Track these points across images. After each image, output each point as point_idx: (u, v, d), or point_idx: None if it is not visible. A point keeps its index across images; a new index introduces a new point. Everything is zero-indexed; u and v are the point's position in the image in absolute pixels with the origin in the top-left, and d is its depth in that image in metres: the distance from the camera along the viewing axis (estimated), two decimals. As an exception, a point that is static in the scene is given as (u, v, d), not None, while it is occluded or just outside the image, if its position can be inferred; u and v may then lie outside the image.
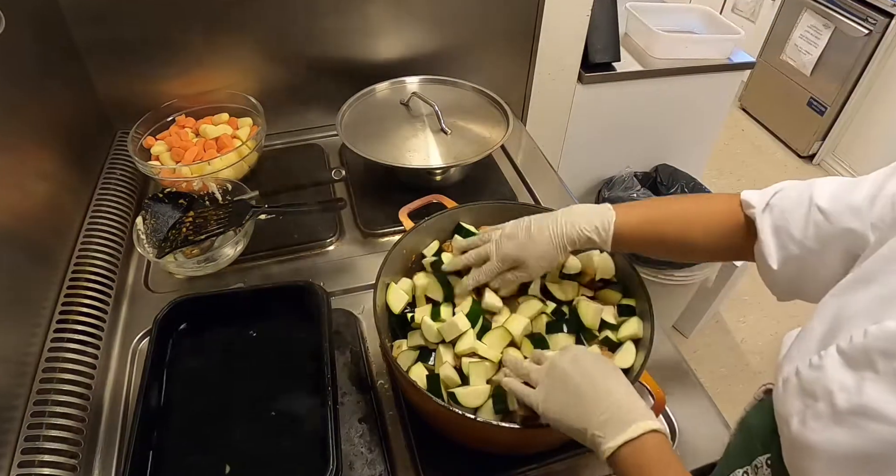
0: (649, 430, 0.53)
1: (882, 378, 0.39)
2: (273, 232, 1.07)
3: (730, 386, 1.96)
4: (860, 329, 0.42)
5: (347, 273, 1.01)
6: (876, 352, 0.40)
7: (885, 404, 0.38)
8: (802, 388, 0.45)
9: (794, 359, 0.47)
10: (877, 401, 0.39)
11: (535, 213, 0.89)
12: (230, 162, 1.09)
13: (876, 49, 2.47)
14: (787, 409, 0.46)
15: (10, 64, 0.89)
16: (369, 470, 0.74)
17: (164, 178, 1.09)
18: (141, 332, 0.91)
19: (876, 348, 0.40)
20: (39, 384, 0.76)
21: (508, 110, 1.20)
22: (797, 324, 1.71)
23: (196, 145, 1.14)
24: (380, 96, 1.25)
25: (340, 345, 0.88)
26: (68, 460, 0.71)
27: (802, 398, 0.44)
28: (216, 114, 1.22)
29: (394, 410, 0.80)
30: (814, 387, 0.44)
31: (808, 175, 2.87)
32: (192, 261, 0.97)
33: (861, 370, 0.40)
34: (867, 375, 0.40)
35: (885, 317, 0.41)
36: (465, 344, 0.71)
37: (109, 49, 1.14)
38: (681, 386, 0.85)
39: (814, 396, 0.43)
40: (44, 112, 0.98)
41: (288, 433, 0.75)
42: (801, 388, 0.45)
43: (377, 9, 1.23)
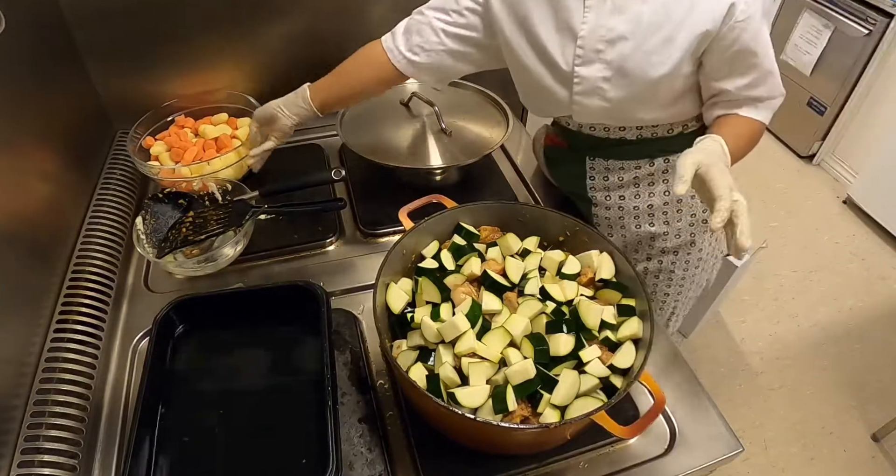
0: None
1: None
2: (273, 232, 1.07)
3: (730, 386, 1.97)
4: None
5: (347, 273, 1.01)
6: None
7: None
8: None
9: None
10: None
11: (534, 212, 0.89)
12: (229, 162, 1.09)
13: (876, 49, 2.47)
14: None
15: (10, 64, 0.89)
16: (369, 470, 0.74)
17: (164, 179, 1.09)
18: (141, 332, 0.91)
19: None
20: (39, 384, 0.76)
21: (508, 110, 1.20)
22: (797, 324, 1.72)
23: (195, 145, 1.14)
24: (380, 96, 1.25)
25: (340, 345, 0.88)
26: (68, 460, 0.71)
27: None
28: (215, 114, 1.22)
29: (394, 410, 0.80)
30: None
31: (808, 175, 2.88)
32: (192, 261, 0.97)
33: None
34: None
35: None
36: (464, 344, 0.71)
37: (109, 49, 1.14)
38: (681, 386, 0.85)
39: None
40: (44, 112, 0.98)
41: (288, 433, 0.75)
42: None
43: (378, 9, 1.23)
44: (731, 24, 0.79)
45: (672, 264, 1.13)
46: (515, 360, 0.70)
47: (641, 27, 0.83)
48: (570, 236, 0.87)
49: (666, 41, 0.83)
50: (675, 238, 1.09)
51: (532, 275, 0.82)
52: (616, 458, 0.77)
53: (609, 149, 1.03)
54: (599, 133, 1.01)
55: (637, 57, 0.85)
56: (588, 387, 0.70)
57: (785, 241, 2.51)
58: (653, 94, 0.89)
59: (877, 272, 2.37)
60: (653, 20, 0.82)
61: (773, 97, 0.91)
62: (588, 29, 0.86)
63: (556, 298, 0.78)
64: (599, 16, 0.85)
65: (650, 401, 0.82)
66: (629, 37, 0.84)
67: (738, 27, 0.80)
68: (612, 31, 0.84)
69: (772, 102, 0.91)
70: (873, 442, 1.83)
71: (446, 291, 0.79)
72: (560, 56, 0.90)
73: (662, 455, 0.77)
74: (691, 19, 0.80)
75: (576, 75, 0.90)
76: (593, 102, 0.92)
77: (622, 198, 1.07)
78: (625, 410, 0.81)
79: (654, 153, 1.02)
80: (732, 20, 0.79)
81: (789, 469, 1.77)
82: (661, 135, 0.99)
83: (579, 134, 1.04)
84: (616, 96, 0.90)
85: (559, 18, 0.88)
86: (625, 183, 1.06)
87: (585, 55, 0.88)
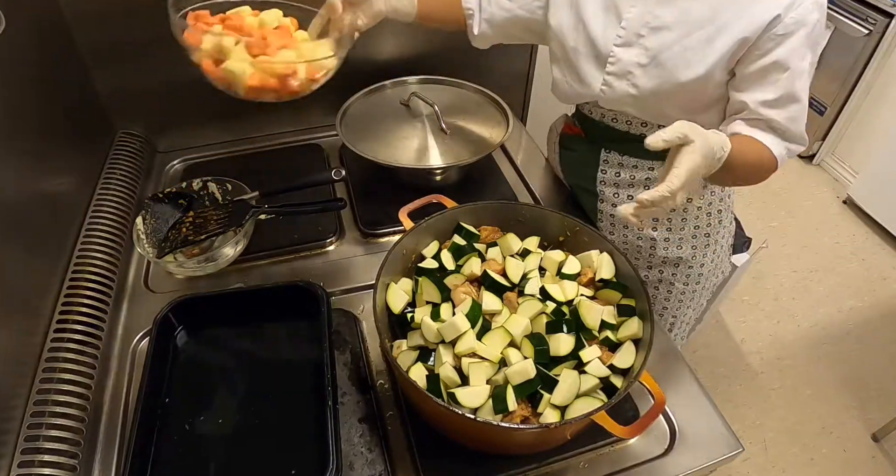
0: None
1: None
2: (273, 232, 1.07)
3: (730, 386, 1.97)
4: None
5: (347, 273, 1.01)
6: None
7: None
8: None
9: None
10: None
11: (534, 212, 0.89)
12: (327, 51, 0.85)
13: (876, 49, 2.47)
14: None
15: (10, 64, 0.89)
16: (369, 470, 0.74)
17: (252, 84, 0.81)
18: (141, 332, 0.91)
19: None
20: (39, 384, 0.76)
21: (508, 110, 1.20)
22: (797, 324, 1.72)
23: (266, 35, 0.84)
24: (380, 96, 1.25)
25: (340, 345, 0.88)
26: (68, 460, 0.71)
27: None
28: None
29: (394, 410, 0.80)
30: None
31: (808, 175, 2.88)
32: (192, 261, 0.97)
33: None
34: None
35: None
36: (465, 344, 0.71)
37: (110, 49, 1.14)
38: (681, 386, 0.85)
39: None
40: (44, 112, 0.98)
41: (288, 433, 0.75)
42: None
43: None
44: (770, 35, 0.79)
45: (672, 276, 1.12)
46: (515, 360, 0.70)
47: (687, 21, 0.84)
48: (570, 236, 0.87)
49: (706, 41, 0.83)
50: (677, 248, 1.08)
51: (532, 275, 0.82)
52: (616, 458, 0.77)
53: (627, 144, 1.02)
54: (621, 125, 1.01)
55: (675, 50, 0.85)
56: (588, 387, 0.70)
57: (785, 241, 2.51)
58: (681, 93, 0.89)
59: (877, 272, 2.37)
60: (699, 17, 0.83)
61: (794, 135, 0.86)
62: (635, 13, 0.87)
63: (557, 298, 0.78)
64: (648, 3, 0.86)
65: (650, 401, 0.82)
66: (672, 28, 0.85)
67: (776, 40, 0.79)
68: (657, 19, 0.86)
69: (791, 140, 0.87)
70: (873, 442, 1.83)
71: (446, 291, 0.79)
72: (601, 34, 0.91)
73: (662, 455, 0.77)
74: (735, 25, 0.80)
75: (612, 55, 0.90)
76: (622, 86, 0.92)
77: (630, 197, 1.06)
78: (625, 410, 0.81)
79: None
80: (772, 31, 0.78)
81: (789, 469, 1.76)
82: None
83: (600, 124, 1.03)
84: (645, 86, 0.90)
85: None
86: (636, 182, 1.05)
87: (626, 37, 0.89)
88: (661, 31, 0.86)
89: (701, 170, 0.69)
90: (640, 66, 0.89)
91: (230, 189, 1.05)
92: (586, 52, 0.94)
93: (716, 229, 1.10)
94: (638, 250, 1.11)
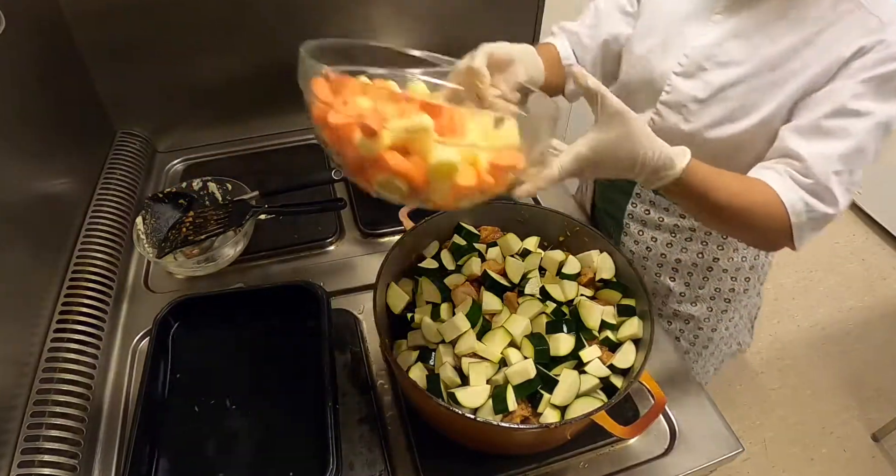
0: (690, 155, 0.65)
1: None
2: (273, 232, 1.07)
3: (730, 386, 1.97)
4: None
5: (347, 273, 1.01)
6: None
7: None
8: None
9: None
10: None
11: (534, 212, 0.89)
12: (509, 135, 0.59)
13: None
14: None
15: (10, 64, 0.89)
16: (369, 470, 0.74)
17: (465, 184, 0.55)
18: (141, 332, 0.91)
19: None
20: (39, 384, 0.76)
21: (508, 110, 1.19)
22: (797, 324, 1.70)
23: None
24: (380, 96, 1.24)
25: (340, 345, 0.88)
26: (68, 460, 0.71)
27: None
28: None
29: (394, 410, 0.80)
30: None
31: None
32: (192, 261, 0.97)
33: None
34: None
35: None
36: (465, 344, 0.71)
37: (110, 49, 1.14)
38: (681, 386, 0.85)
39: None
40: (44, 112, 0.98)
41: (288, 433, 0.75)
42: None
43: (378, 9, 1.23)
44: (841, 75, 0.70)
45: (679, 332, 1.07)
46: (515, 360, 0.70)
47: (758, 60, 0.76)
48: (570, 236, 0.87)
49: (775, 84, 0.75)
50: (691, 305, 1.03)
51: (532, 275, 0.82)
52: (616, 458, 0.77)
53: None
54: None
55: (739, 89, 0.77)
56: (588, 387, 0.70)
57: (785, 241, 2.51)
58: (736, 136, 0.79)
59: (877, 272, 2.37)
60: (772, 57, 0.75)
61: (818, 185, 0.70)
62: (701, 43, 0.80)
63: (557, 298, 0.78)
64: (720, 35, 0.79)
65: (650, 401, 0.82)
66: (741, 65, 0.77)
67: (847, 79, 0.69)
68: (725, 54, 0.78)
69: (813, 190, 0.70)
70: (873, 442, 1.83)
71: (446, 291, 0.79)
72: (660, 60, 0.85)
73: (662, 455, 0.77)
74: (811, 68, 0.72)
75: (669, 83, 0.84)
76: (674, 119, 0.84)
77: (654, 239, 1.00)
78: (625, 410, 0.81)
79: None
80: (844, 74, 0.70)
81: (789, 469, 1.77)
82: None
83: None
84: (699, 123, 0.82)
85: (679, 20, 0.83)
86: (663, 226, 0.98)
87: (687, 67, 0.82)
88: (727, 67, 0.78)
89: (607, 161, 0.59)
90: (698, 101, 0.81)
91: (230, 189, 1.05)
92: (641, 76, 0.88)
93: (738, 297, 1.02)
94: (652, 294, 1.03)
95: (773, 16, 0.76)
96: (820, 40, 0.72)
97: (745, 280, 1.01)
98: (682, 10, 0.84)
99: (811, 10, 0.73)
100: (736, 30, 0.78)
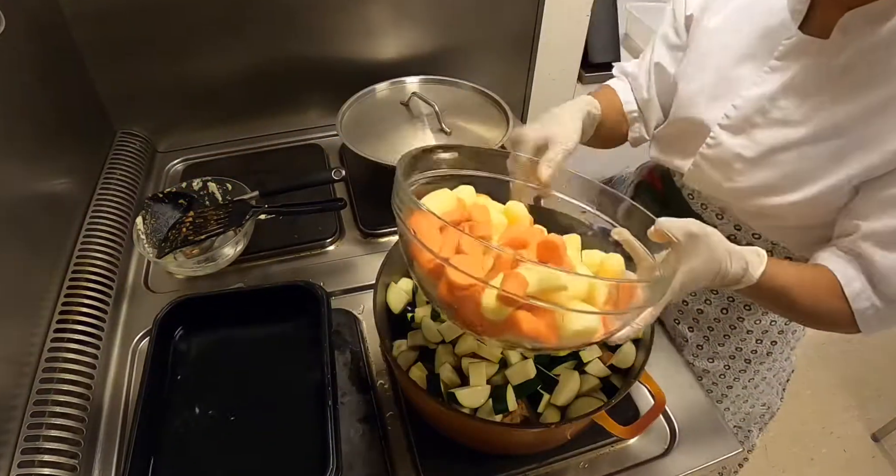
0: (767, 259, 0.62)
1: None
2: (273, 232, 1.07)
3: (730, 386, 1.97)
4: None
5: (347, 273, 1.01)
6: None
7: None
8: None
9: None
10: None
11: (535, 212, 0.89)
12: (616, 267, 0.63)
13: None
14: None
15: (10, 64, 0.89)
16: (369, 470, 0.74)
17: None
18: (141, 332, 0.91)
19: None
20: (39, 384, 0.76)
21: (508, 110, 1.19)
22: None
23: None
24: (380, 96, 1.25)
25: (340, 345, 0.88)
26: (68, 460, 0.70)
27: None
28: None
29: (394, 410, 0.80)
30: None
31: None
32: (192, 261, 0.97)
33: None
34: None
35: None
36: (465, 344, 0.71)
37: (109, 49, 1.14)
38: (681, 386, 0.85)
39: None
40: (44, 112, 0.98)
41: (288, 433, 0.75)
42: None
43: (377, 9, 1.23)
44: None
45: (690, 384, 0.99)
46: (515, 361, 0.70)
47: (817, 124, 0.64)
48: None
49: (835, 155, 0.63)
50: (707, 361, 0.96)
51: (532, 275, 0.81)
52: (616, 458, 0.77)
53: None
54: (695, 206, 0.85)
55: (791, 154, 0.66)
56: (588, 387, 0.70)
57: (785, 241, 2.51)
58: (781, 207, 0.70)
59: (877, 272, 2.37)
60: (835, 122, 0.63)
61: (891, 292, 0.63)
62: (754, 94, 0.69)
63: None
64: (776, 86, 0.67)
65: (650, 401, 0.82)
66: (796, 126, 0.65)
67: None
68: (779, 110, 0.67)
69: (886, 296, 0.64)
70: (873, 442, 1.83)
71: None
72: (705, 106, 0.74)
73: (662, 455, 0.77)
74: (882, 140, 0.60)
75: (712, 135, 0.74)
76: (713, 175, 0.75)
77: None
78: (625, 410, 0.81)
79: None
80: None
81: (789, 469, 1.77)
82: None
83: (678, 193, 0.88)
84: (741, 185, 0.72)
85: (732, 60, 0.72)
86: None
87: (735, 120, 0.71)
88: (780, 127, 0.67)
89: (691, 287, 0.58)
90: (744, 159, 0.71)
91: (230, 189, 1.05)
92: (686, 121, 0.78)
93: (760, 360, 0.94)
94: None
95: (844, 69, 0.62)
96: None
97: (770, 343, 0.93)
98: (737, 48, 0.71)
99: (894, 67, 0.59)
100: (796, 82, 0.66)
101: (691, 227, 0.57)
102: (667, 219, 0.58)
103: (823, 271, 0.66)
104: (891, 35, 0.59)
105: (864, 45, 0.60)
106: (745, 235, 0.82)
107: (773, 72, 0.68)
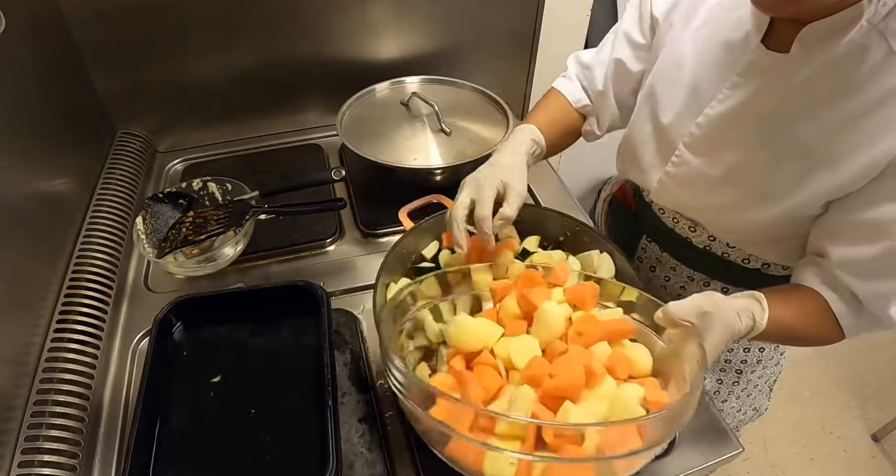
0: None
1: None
2: (273, 232, 1.07)
3: (730, 386, 1.97)
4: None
5: (347, 273, 1.01)
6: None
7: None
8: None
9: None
10: None
11: (534, 212, 0.89)
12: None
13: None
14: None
15: (10, 64, 0.89)
16: (369, 470, 0.74)
17: None
18: (141, 332, 0.91)
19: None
20: (39, 384, 0.76)
21: (508, 110, 1.20)
22: (797, 324, 1.59)
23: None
24: (380, 96, 1.25)
25: (340, 345, 0.88)
26: (68, 460, 0.71)
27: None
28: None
29: (394, 410, 0.80)
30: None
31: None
32: (192, 261, 0.97)
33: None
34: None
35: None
36: (465, 344, 0.71)
37: (109, 49, 1.14)
38: (681, 386, 0.85)
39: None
40: (44, 112, 0.98)
41: (288, 433, 0.75)
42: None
43: (377, 9, 1.23)
44: (890, 174, 0.58)
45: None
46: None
47: (782, 143, 0.63)
48: (570, 236, 0.87)
49: (803, 173, 0.62)
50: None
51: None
52: (616, 458, 0.77)
53: (670, 244, 0.87)
54: (667, 219, 0.85)
55: (757, 174, 0.66)
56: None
57: (785, 241, 2.51)
58: (748, 225, 0.71)
59: (877, 272, 2.37)
60: (801, 141, 0.62)
61: (875, 317, 0.65)
62: (716, 113, 0.67)
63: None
64: (736, 104, 0.66)
65: (650, 401, 0.82)
66: (761, 146, 0.65)
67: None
68: (742, 130, 0.66)
69: (868, 321, 0.66)
70: (873, 442, 1.83)
71: (447, 289, 0.78)
72: (673, 121, 0.73)
73: (662, 455, 0.77)
74: (848, 160, 0.59)
75: (677, 154, 0.73)
76: (680, 194, 0.76)
77: (664, 287, 0.94)
78: (625, 410, 0.81)
79: (714, 273, 0.84)
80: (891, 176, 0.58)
81: (789, 469, 1.77)
82: (732, 260, 0.81)
83: (649, 208, 0.88)
84: (706, 203, 0.73)
85: (701, 71, 0.69)
86: (669, 286, 0.92)
87: (698, 139, 0.70)
88: (744, 147, 0.66)
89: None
90: (709, 178, 0.70)
91: (230, 189, 1.05)
92: (650, 136, 0.77)
93: (751, 368, 0.95)
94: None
95: (804, 84, 0.60)
96: (867, 123, 0.57)
97: (759, 350, 0.93)
98: (705, 61, 0.69)
99: (857, 81, 0.57)
100: (757, 99, 0.64)
101: (702, 306, 0.58)
102: (674, 304, 0.59)
103: (811, 294, 0.67)
104: (849, 49, 0.57)
105: (825, 59, 0.59)
106: (720, 246, 0.82)
107: (735, 89, 0.66)
